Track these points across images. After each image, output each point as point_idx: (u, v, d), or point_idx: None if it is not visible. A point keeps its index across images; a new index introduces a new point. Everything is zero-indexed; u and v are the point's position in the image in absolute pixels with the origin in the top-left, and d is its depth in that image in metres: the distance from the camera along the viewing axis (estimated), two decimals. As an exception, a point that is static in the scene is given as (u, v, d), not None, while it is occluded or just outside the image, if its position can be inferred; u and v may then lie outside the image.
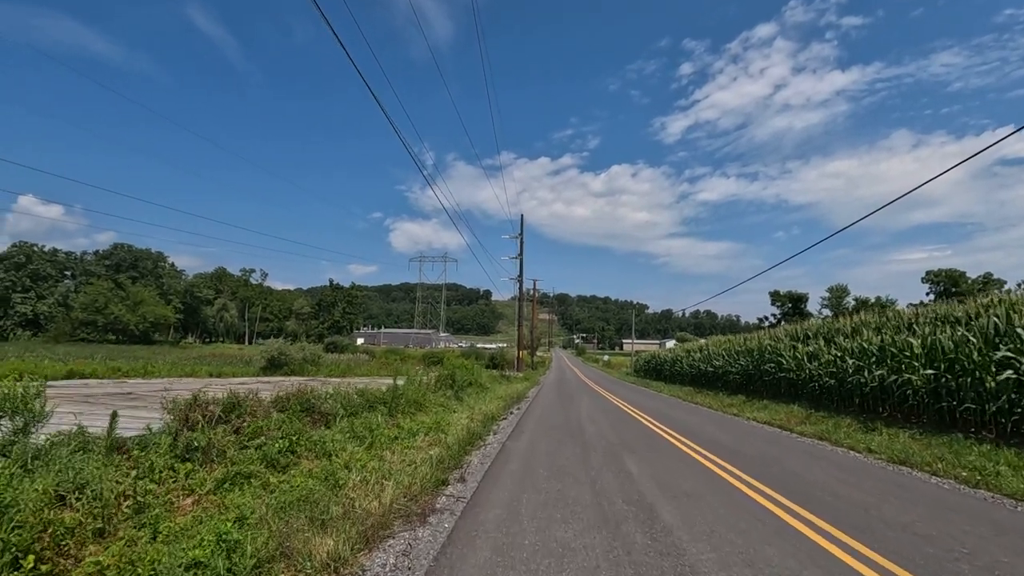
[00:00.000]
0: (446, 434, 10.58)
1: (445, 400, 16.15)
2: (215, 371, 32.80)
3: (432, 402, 14.53)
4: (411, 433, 10.01)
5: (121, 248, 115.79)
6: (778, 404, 18.31)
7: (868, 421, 13.43)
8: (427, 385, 17.12)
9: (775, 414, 16.63)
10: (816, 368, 17.03)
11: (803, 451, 10.06)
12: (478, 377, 23.17)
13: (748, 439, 11.45)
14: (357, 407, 10.84)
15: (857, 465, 8.68)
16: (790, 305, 69.11)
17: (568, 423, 13.75)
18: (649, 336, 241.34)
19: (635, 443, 10.42)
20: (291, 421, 7.59)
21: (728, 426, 14.04)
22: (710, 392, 26.06)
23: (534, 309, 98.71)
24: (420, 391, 14.12)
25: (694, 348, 35.47)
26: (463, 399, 17.56)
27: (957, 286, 62.67)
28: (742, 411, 18.17)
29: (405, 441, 9.21)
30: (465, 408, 15.49)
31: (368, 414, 10.94)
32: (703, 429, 13.08)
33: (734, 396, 22.70)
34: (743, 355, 23.64)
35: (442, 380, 18.73)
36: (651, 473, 7.50)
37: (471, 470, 7.90)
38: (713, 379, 27.85)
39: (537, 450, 9.45)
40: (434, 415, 12.84)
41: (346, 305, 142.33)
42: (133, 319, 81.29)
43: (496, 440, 10.91)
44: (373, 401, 11.93)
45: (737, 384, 24.34)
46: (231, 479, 5.50)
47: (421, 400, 13.40)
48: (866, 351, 14.52)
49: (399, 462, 7.86)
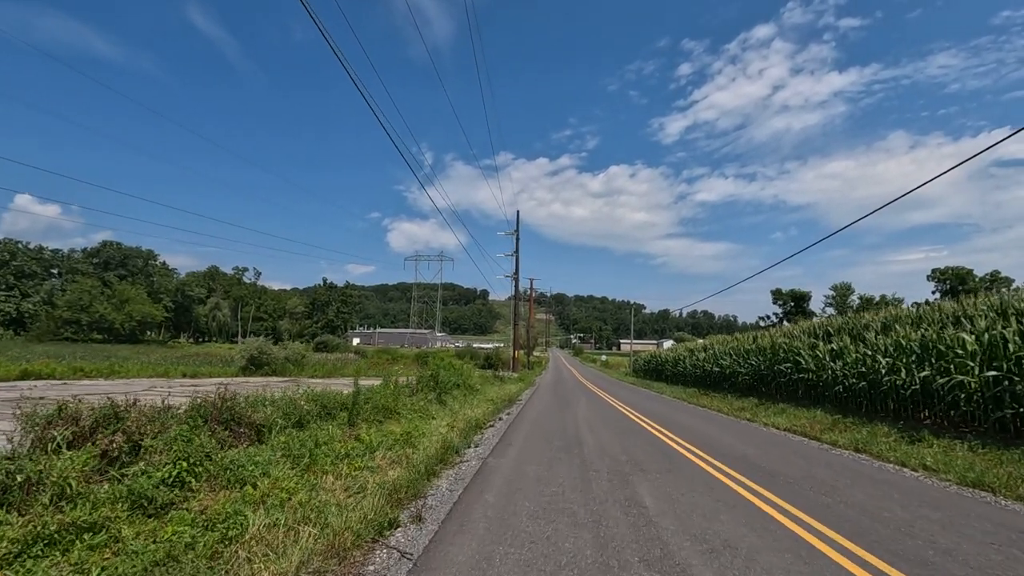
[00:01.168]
0: (415, 448, 8.72)
1: (425, 405, 14.28)
2: (191, 371, 30.90)
3: (408, 407, 12.66)
4: (370, 448, 8.15)
5: (110, 246, 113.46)
6: (797, 408, 16.49)
7: (909, 430, 11.60)
8: (406, 387, 15.25)
9: (795, 419, 14.82)
10: (841, 368, 15.22)
11: (849, 470, 8.22)
12: (467, 378, 21.29)
13: (777, 453, 9.61)
14: (307, 415, 8.97)
15: (925, 491, 6.85)
16: (792, 304, 67.39)
17: (564, 432, 11.90)
18: (646, 336, 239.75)
19: (645, 459, 8.57)
20: (193, 438, 5.70)
21: (747, 435, 12.20)
22: (716, 394, 24.24)
23: (531, 308, 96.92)
24: (391, 395, 12.23)
25: (697, 347, 33.66)
26: (446, 403, 15.69)
27: (964, 284, 61.01)
28: (756, 416, 16.37)
29: (359, 460, 7.34)
30: (447, 414, 13.63)
31: (322, 424, 9.08)
32: (720, 439, 11.24)
33: (744, 399, 20.89)
34: (754, 354, 21.83)
35: (424, 382, 16.86)
36: (673, 508, 5.65)
37: (435, 502, 6.05)
38: (719, 380, 26.04)
39: (524, 472, 7.58)
40: (407, 423, 10.98)
41: (340, 304, 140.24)
42: (119, 318, 79.13)
43: (476, 455, 9.05)
44: (332, 407, 10.05)
45: (747, 386, 22.53)
46: (51, 536, 3.63)
47: (392, 405, 11.52)
48: (904, 349, 12.72)
49: (341, 491, 6.00)
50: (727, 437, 11.65)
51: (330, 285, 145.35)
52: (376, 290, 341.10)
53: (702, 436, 11.65)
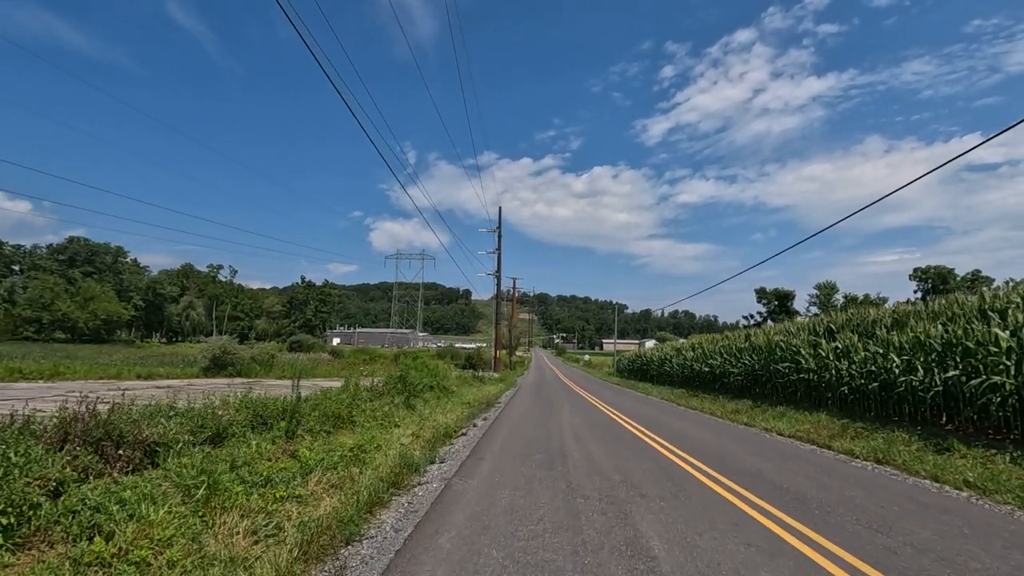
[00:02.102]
0: (365, 467, 7.14)
1: (389, 410, 12.66)
2: (146, 372, 28.75)
3: (368, 414, 11.03)
4: (305, 469, 6.54)
5: (76, 242, 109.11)
6: (798, 411, 15.23)
7: (931, 437, 10.33)
8: (368, 391, 13.61)
9: (798, 424, 13.55)
10: (847, 368, 13.98)
11: (885, 490, 6.84)
12: (441, 379, 19.69)
13: (794, 468, 8.21)
14: (230, 427, 7.30)
15: (992, 521, 5.48)
16: (776, 303, 66.96)
17: (546, 441, 10.38)
18: (629, 336, 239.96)
19: (643, 479, 7.09)
20: (26, 467, 4.05)
21: (752, 443, 10.83)
22: (707, 395, 22.99)
23: (513, 308, 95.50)
24: (347, 399, 10.60)
25: (685, 347, 32.47)
26: (415, 407, 14.08)
27: (946, 283, 61.16)
28: (754, 420, 15.07)
29: (282, 487, 5.73)
30: (414, 420, 12.04)
31: (251, 438, 7.42)
32: (725, 449, 9.83)
33: (738, 400, 19.63)
34: (747, 353, 20.59)
35: (391, 384, 15.23)
36: (693, 561, 4.16)
37: (371, 549, 4.48)
38: (709, 381, 24.81)
39: (496, 499, 6.05)
40: (363, 433, 9.38)
41: (319, 303, 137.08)
42: (83, 316, 75.67)
43: (440, 474, 7.49)
44: (269, 415, 8.39)
45: (740, 387, 21.30)
46: None
47: (346, 412, 9.87)
48: (923, 346, 11.47)
49: (243, 538, 4.39)
50: (731, 446, 10.25)
51: (308, 283, 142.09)
52: (357, 289, 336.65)
53: (703, 445, 10.24)
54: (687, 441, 10.76)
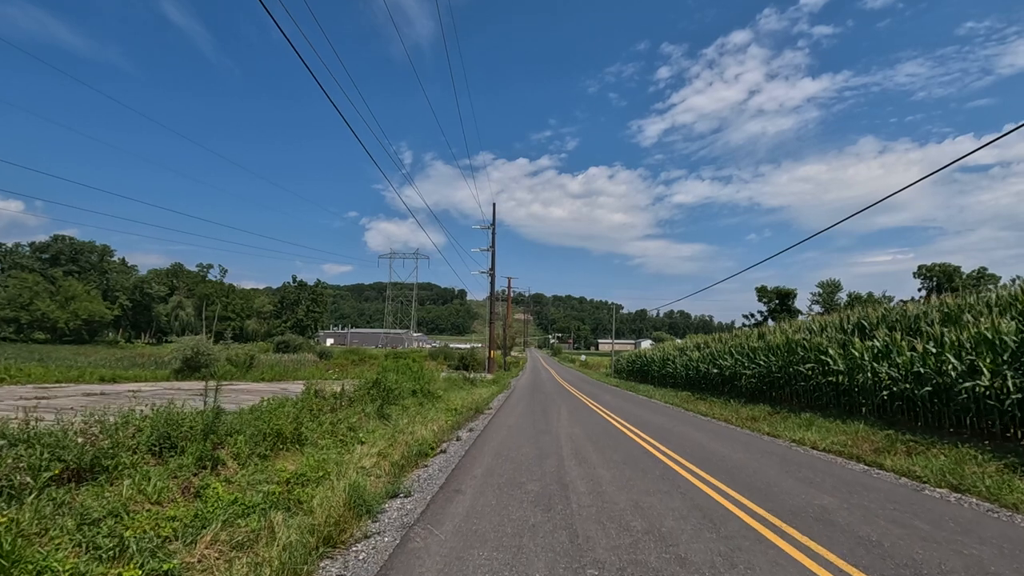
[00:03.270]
0: (294, 513, 5.22)
1: (358, 421, 10.74)
2: (111, 375, 26.65)
3: (324, 429, 9.09)
4: (203, 520, 4.61)
5: (60, 240, 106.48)
6: (827, 419, 13.40)
7: (1006, 454, 8.51)
8: (332, 398, 11.68)
9: (830, 434, 11.74)
10: (887, 370, 12.16)
11: (1008, 541, 4.97)
12: (425, 383, 17.75)
13: (867, 504, 6.33)
14: (110, 454, 5.34)
15: None
16: (777, 301, 65.28)
17: (542, 463, 8.46)
18: (624, 336, 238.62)
19: (675, 528, 5.20)
20: None
21: (792, 463, 8.95)
22: (715, 399, 21.15)
23: (508, 307, 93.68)
24: (296, 411, 8.65)
25: (689, 346, 30.64)
26: (391, 417, 12.14)
27: (951, 281, 59.62)
28: (777, 429, 13.23)
29: (146, 559, 3.80)
30: (386, 434, 10.11)
31: (148, 470, 5.48)
32: (761, 472, 7.95)
33: (752, 405, 17.79)
34: (762, 353, 18.76)
35: (364, 389, 13.29)
36: None
37: None
38: (718, 383, 22.98)
39: (469, 569, 4.13)
40: (313, 455, 7.46)
41: (310, 303, 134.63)
42: (63, 316, 73.18)
43: (397, 519, 5.57)
44: (181, 435, 6.43)
45: (753, 390, 19.47)
46: None
47: (291, 429, 7.91)
48: (991, 345, 9.63)
49: None
50: (768, 468, 8.36)
51: (300, 283, 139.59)
52: (352, 290, 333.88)
53: (734, 467, 8.35)
54: (714, 461, 8.87)
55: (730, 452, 9.92)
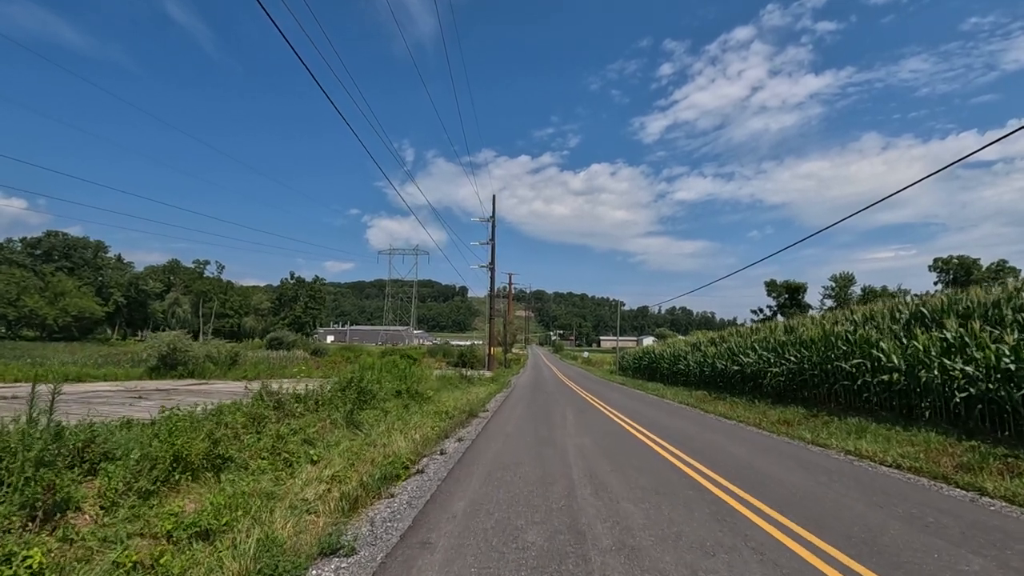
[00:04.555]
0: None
1: (318, 432, 8.68)
2: (77, 373, 24.60)
3: (265, 444, 7.01)
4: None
5: (53, 236, 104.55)
6: (881, 425, 11.33)
7: None
8: (300, 401, 9.61)
9: (892, 445, 9.71)
10: (963, 368, 10.04)
11: None
12: (413, 383, 15.68)
13: (1011, 560, 4.25)
14: None
15: None
16: (787, 296, 63.05)
17: (546, 496, 6.35)
18: (626, 333, 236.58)
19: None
20: None
21: (876, 490, 6.84)
22: (736, 399, 19.06)
23: (509, 303, 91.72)
24: (204, 428, 6.54)
25: (703, 341, 28.52)
26: (363, 425, 10.07)
27: (969, 274, 57.33)
28: (820, 437, 11.17)
29: None
30: (350, 449, 8.06)
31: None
32: (850, 509, 5.86)
33: (781, 407, 15.70)
34: (792, 348, 16.65)
35: (335, 392, 11.22)
36: None
37: None
38: (737, 382, 20.87)
39: None
40: (236, 485, 5.41)
41: (308, 300, 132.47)
42: (52, 312, 71.21)
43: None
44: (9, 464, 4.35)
45: (781, 390, 17.36)
46: None
47: (199, 451, 5.80)
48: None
49: None
50: (853, 501, 6.25)
51: (298, 279, 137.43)
52: (353, 287, 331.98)
53: (804, 498, 6.26)
54: (770, 486, 6.78)
55: (783, 471, 7.82)
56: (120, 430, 5.91)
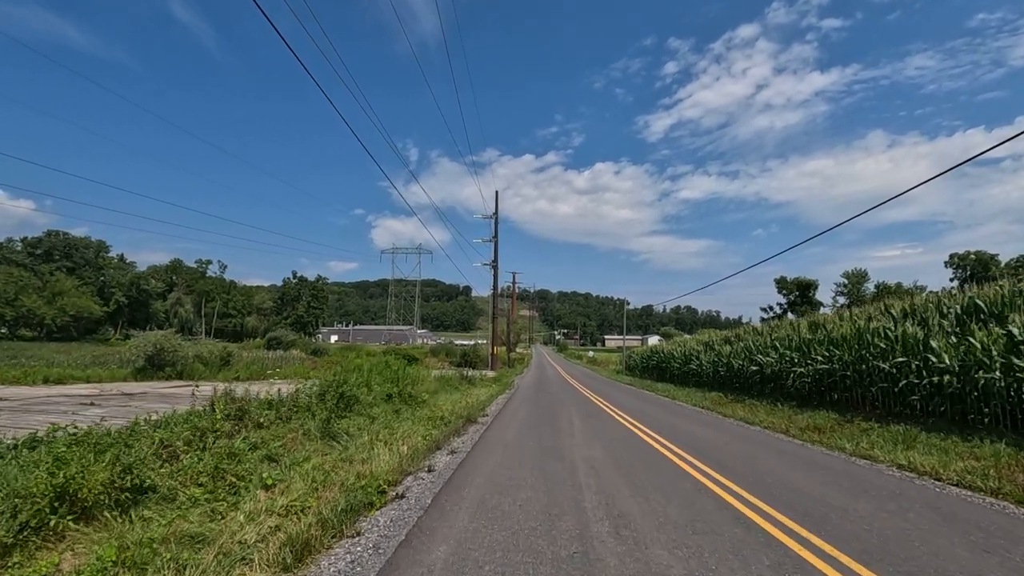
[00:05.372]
0: None
1: (284, 446, 7.40)
2: (58, 376, 23.42)
3: (206, 465, 5.72)
4: None
5: (54, 235, 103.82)
6: (933, 435, 9.94)
7: None
8: (272, 407, 8.33)
9: (951, 458, 8.43)
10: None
11: None
12: (405, 386, 14.37)
13: None
14: None
15: None
16: (797, 293, 61.46)
17: (552, 539, 4.98)
18: (631, 332, 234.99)
19: None
20: None
21: (969, 522, 5.49)
22: (755, 402, 17.68)
23: (513, 302, 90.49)
24: (112, 449, 5.25)
25: (716, 340, 27.12)
26: (339, 436, 8.77)
27: (987, 270, 55.59)
28: (860, 447, 9.82)
29: None
30: (319, 468, 6.78)
31: None
32: (953, 557, 4.52)
33: (810, 411, 14.33)
34: (820, 346, 15.26)
35: (313, 396, 9.93)
36: None
37: None
38: (756, 383, 19.48)
39: None
40: (163, 520, 4.11)
41: (311, 299, 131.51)
42: (50, 312, 70.35)
43: None
44: None
45: (806, 392, 15.98)
46: None
47: (105, 480, 4.50)
48: None
49: None
50: (951, 544, 4.90)
51: (300, 279, 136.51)
52: (358, 287, 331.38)
53: (888, 539, 4.91)
54: (831, 519, 5.43)
55: (838, 495, 6.47)
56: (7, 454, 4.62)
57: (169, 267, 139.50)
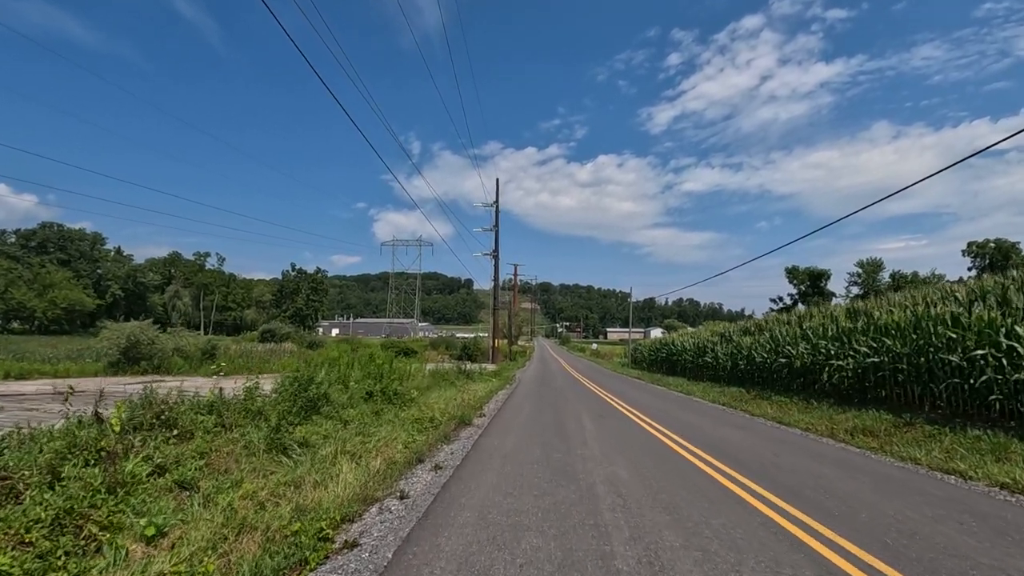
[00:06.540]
0: None
1: (214, 465, 5.54)
2: (20, 370, 21.65)
3: (49, 512, 3.85)
4: None
5: (48, 227, 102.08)
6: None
7: None
8: (203, 415, 6.49)
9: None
10: None
11: None
12: (390, 382, 12.50)
13: None
14: None
15: None
16: (808, 283, 59.43)
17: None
18: (634, 324, 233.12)
19: None
20: None
21: None
22: (783, 399, 15.82)
23: (515, 294, 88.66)
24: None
25: (733, 330, 25.22)
26: (292, 450, 6.91)
27: (1007, 258, 53.48)
28: (934, 457, 7.98)
29: None
30: (256, 496, 4.91)
31: None
32: None
33: (854, 411, 12.42)
34: (866, 336, 13.34)
35: (264, 400, 8.07)
36: None
37: None
38: (783, 377, 17.59)
39: None
40: None
41: (310, 292, 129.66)
42: (41, 305, 68.70)
43: None
44: None
45: (845, 388, 14.08)
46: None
47: None
48: None
49: None
50: None
51: (300, 271, 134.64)
52: (359, 280, 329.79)
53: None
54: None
55: (959, 535, 4.58)
56: None
57: (167, 260, 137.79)
